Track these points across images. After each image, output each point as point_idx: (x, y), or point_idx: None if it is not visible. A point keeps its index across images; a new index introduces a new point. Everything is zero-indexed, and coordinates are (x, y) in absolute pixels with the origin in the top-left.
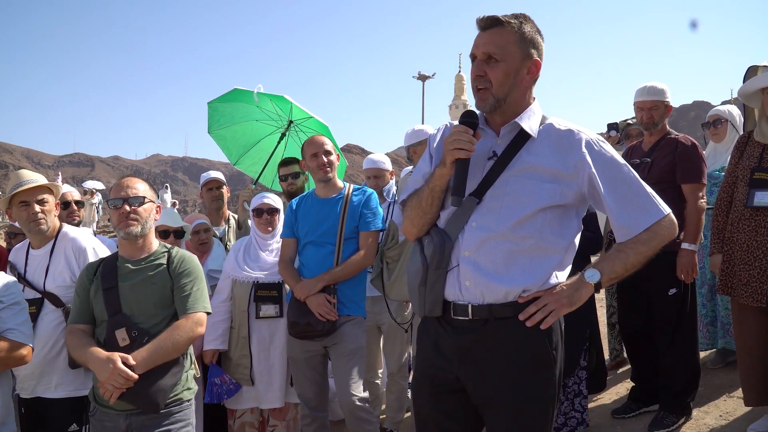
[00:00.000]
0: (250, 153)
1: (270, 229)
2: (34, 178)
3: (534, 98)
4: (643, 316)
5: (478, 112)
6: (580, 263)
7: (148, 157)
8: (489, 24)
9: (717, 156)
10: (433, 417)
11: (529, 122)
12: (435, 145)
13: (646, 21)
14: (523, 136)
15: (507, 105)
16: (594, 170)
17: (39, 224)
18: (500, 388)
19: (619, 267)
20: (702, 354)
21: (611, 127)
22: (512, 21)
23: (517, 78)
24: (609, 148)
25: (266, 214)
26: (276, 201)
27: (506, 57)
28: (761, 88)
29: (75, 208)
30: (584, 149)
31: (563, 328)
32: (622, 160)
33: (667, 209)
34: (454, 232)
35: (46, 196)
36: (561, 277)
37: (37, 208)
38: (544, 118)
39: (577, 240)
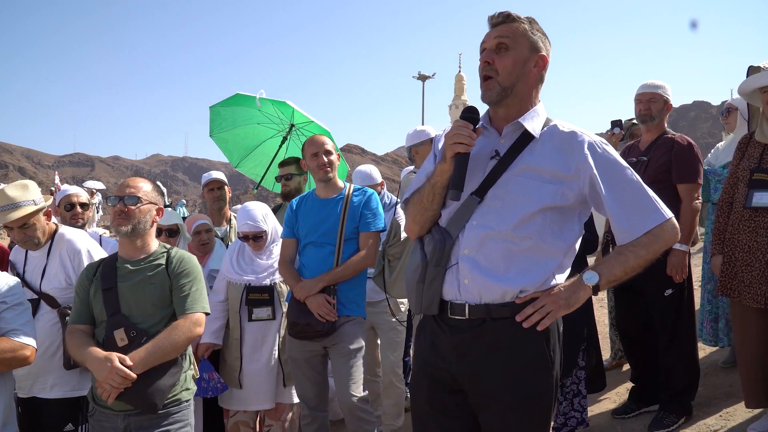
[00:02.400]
0: (252, 156)
1: (259, 251)
2: (17, 199)
3: (539, 101)
4: (640, 318)
5: (481, 110)
6: (576, 264)
7: (148, 157)
8: (501, 20)
9: (729, 152)
10: (431, 416)
11: (533, 123)
12: (440, 145)
13: (646, 21)
14: (526, 137)
15: (512, 98)
16: (596, 172)
17: (28, 244)
18: (497, 389)
19: (619, 270)
20: (710, 350)
21: (615, 124)
22: (522, 18)
23: (524, 69)
24: (612, 151)
25: (252, 240)
26: (261, 221)
27: (516, 46)
28: (760, 88)
29: (80, 210)
30: (587, 151)
31: (561, 329)
32: (624, 163)
33: (669, 213)
34: (455, 231)
35: (32, 220)
36: (560, 279)
37: (24, 233)
38: (548, 120)
39: (577, 244)
